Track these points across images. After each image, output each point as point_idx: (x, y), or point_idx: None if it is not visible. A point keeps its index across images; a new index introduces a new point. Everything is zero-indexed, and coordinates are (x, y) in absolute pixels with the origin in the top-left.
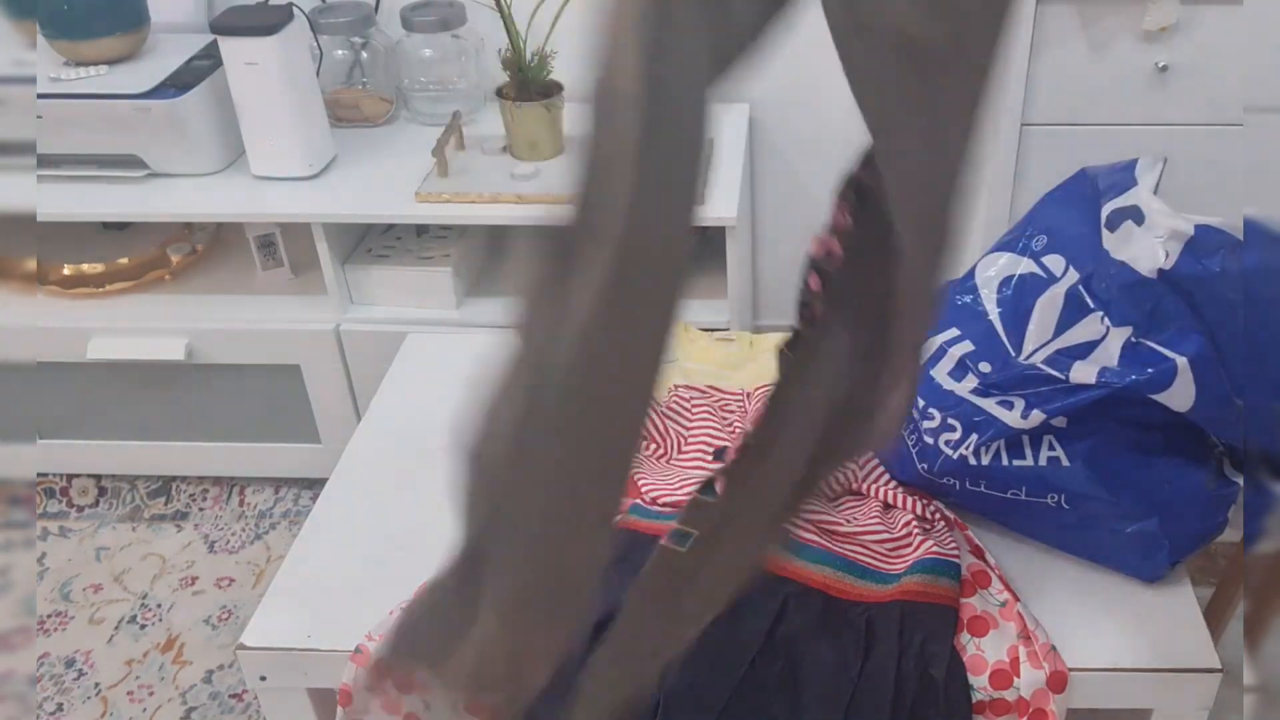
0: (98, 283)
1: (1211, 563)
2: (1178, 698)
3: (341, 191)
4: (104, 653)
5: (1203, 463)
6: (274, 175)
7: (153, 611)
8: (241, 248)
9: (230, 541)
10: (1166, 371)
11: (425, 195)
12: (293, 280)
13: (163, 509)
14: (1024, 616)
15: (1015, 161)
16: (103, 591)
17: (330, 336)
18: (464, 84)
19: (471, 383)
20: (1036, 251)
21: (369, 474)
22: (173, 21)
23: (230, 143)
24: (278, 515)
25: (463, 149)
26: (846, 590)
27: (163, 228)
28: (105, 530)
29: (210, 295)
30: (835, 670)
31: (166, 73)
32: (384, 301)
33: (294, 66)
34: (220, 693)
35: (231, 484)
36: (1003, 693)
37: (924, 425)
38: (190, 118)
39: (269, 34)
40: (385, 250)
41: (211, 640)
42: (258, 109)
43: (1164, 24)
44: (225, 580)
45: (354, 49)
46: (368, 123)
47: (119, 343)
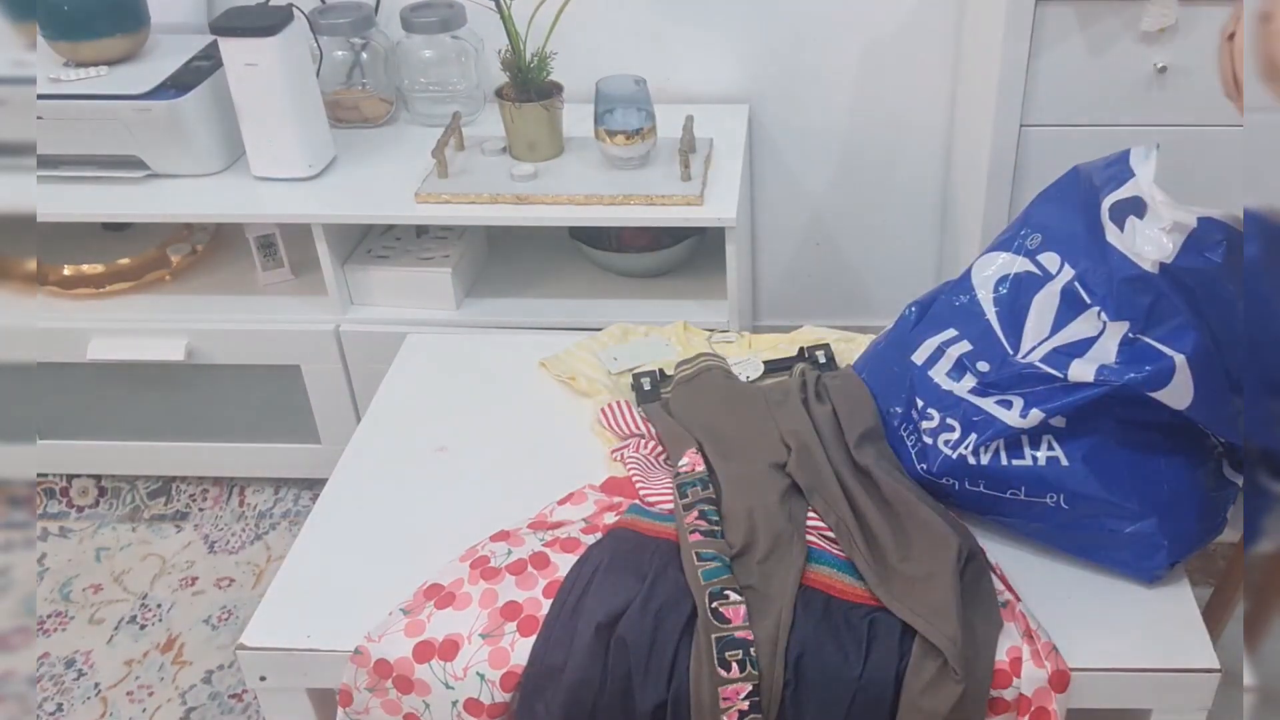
0: (98, 283)
1: (1210, 563)
2: (1176, 698)
3: (341, 192)
4: (104, 653)
5: (1202, 462)
6: (274, 176)
7: (152, 612)
8: (241, 248)
9: (230, 542)
10: (1164, 369)
11: (425, 196)
12: (293, 281)
13: (163, 509)
14: (1026, 616)
15: (1014, 162)
16: (103, 592)
17: (330, 337)
18: (464, 85)
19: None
20: (1031, 250)
21: (369, 474)
22: (173, 22)
23: (230, 143)
24: (278, 515)
25: (462, 150)
26: (848, 591)
27: (163, 228)
28: (105, 530)
29: (210, 296)
30: (836, 671)
31: (167, 73)
32: (384, 302)
33: (294, 67)
34: (220, 693)
35: (231, 484)
36: (1003, 691)
37: (923, 425)
38: (190, 118)
39: (269, 35)
40: (385, 251)
41: (211, 640)
42: (258, 110)
43: (1163, 25)
44: (225, 580)
45: (354, 50)
46: (368, 123)
47: (119, 343)
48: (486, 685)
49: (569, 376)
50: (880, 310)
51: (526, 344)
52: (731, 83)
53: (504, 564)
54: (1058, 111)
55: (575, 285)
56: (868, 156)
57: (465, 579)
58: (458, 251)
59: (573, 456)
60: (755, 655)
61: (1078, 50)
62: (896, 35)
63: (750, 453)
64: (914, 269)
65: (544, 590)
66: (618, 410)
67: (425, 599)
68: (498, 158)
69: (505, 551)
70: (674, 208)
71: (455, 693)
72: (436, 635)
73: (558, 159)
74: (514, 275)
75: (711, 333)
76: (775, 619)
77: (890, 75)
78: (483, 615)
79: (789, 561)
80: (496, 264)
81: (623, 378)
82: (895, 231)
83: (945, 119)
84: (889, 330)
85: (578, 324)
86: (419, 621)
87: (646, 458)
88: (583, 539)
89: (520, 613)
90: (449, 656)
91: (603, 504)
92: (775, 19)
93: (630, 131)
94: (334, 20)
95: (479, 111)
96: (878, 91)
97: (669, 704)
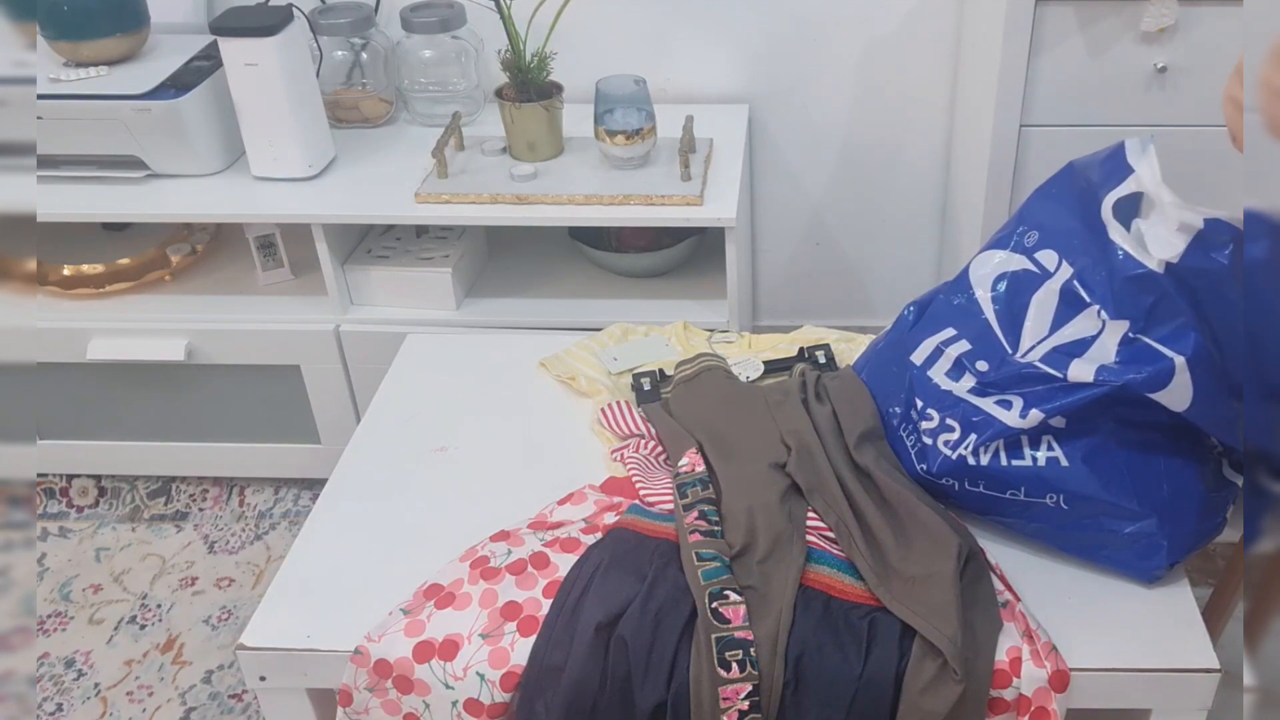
0: (98, 283)
1: (1210, 563)
2: (1176, 698)
3: (341, 192)
4: (103, 653)
5: (1202, 462)
6: (274, 176)
7: (152, 612)
8: (241, 248)
9: (230, 542)
10: (1164, 371)
11: (425, 196)
12: (292, 281)
13: (162, 509)
14: (1025, 616)
15: (1014, 162)
16: (102, 592)
17: (330, 337)
18: (463, 85)
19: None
20: (1029, 248)
21: (369, 475)
22: (173, 22)
23: (230, 143)
24: (277, 515)
25: (462, 150)
26: (848, 591)
27: (163, 228)
28: (105, 530)
29: (210, 296)
30: (836, 670)
31: (166, 73)
32: (384, 302)
33: (294, 67)
34: (220, 693)
35: (231, 484)
36: (1003, 692)
37: (923, 426)
38: (190, 118)
39: (269, 35)
40: (385, 251)
41: (211, 640)
42: (258, 110)
43: (1163, 25)
44: (225, 580)
45: (354, 50)
46: (367, 123)
47: (119, 343)
48: (486, 685)
49: (569, 377)
50: (880, 310)
51: (526, 344)
52: (731, 82)
53: (504, 564)
54: (1058, 111)
55: (575, 285)
56: (868, 156)
57: (465, 579)
58: (457, 251)
59: (573, 457)
60: (755, 655)
61: (1078, 50)
62: (896, 34)
63: (750, 453)
64: (914, 269)
65: (544, 590)
66: (618, 410)
67: (425, 599)
68: (498, 158)
69: (505, 551)
70: (674, 208)
71: (455, 693)
72: (436, 635)
73: (558, 159)
74: (514, 275)
75: (711, 333)
76: (775, 619)
77: (890, 75)
78: (483, 615)
79: (789, 561)
80: (496, 264)
81: (623, 378)
82: (895, 231)
83: (945, 119)
84: (888, 330)
85: (578, 324)
86: (419, 621)
87: (646, 458)
88: (583, 539)
89: (520, 613)
90: (449, 656)
91: (603, 504)
92: (775, 18)
93: (630, 131)
94: (334, 20)
95: (479, 111)
96: (878, 91)
97: (669, 704)
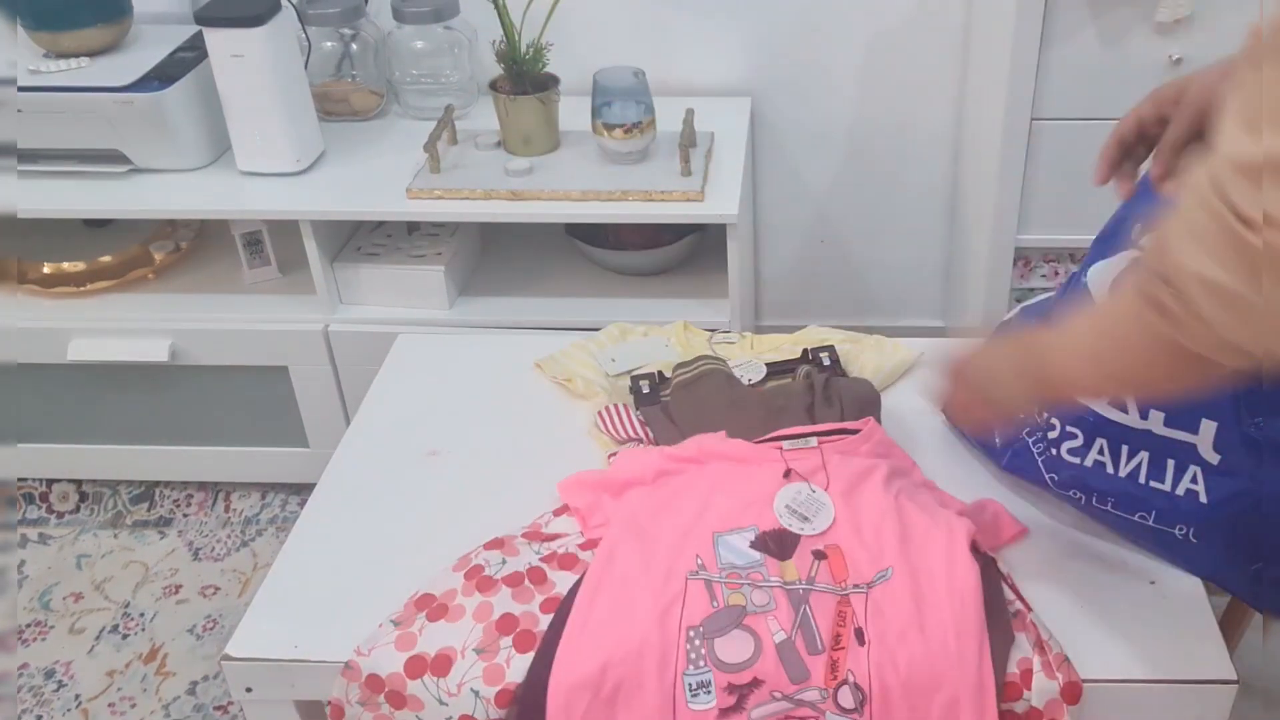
0: (79, 281)
1: None
2: (1192, 710)
3: (330, 188)
4: (84, 664)
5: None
6: (260, 171)
7: (135, 621)
8: (227, 246)
9: (215, 549)
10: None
11: (417, 192)
12: (280, 279)
13: (145, 515)
14: (1037, 626)
15: (1025, 157)
16: (83, 600)
17: (318, 337)
18: (457, 77)
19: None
20: None
21: (358, 479)
22: (156, 12)
23: (215, 137)
24: (264, 521)
25: (455, 144)
26: None
27: (146, 225)
28: (86, 537)
29: (195, 295)
30: None
31: (150, 65)
32: (374, 301)
33: (281, 59)
34: (205, 705)
35: (216, 489)
36: (1014, 704)
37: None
38: (174, 111)
39: (255, 25)
40: (375, 248)
41: (195, 651)
42: (244, 102)
43: (1178, 16)
44: (210, 589)
45: (343, 40)
46: (357, 117)
47: (100, 343)
48: (481, 702)
49: (565, 378)
50: (887, 310)
51: (521, 344)
52: (733, 74)
53: (499, 574)
54: (1070, 105)
55: (572, 284)
56: (874, 150)
57: (459, 590)
58: (450, 249)
59: (569, 461)
60: None
61: (1090, 42)
62: (904, 25)
63: None
64: (922, 266)
65: (541, 606)
66: (616, 413)
67: (416, 610)
68: (492, 152)
69: (500, 560)
70: (674, 204)
71: (449, 709)
72: (429, 649)
73: (554, 153)
74: (508, 273)
75: (712, 333)
76: None
77: (897, 66)
78: (477, 629)
79: None
80: (490, 262)
81: (621, 380)
82: (902, 228)
83: (954, 112)
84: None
85: (574, 324)
86: (410, 634)
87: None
88: (581, 555)
89: (516, 626)
90: (442, 672)
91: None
92: (779, 8)
93: (629, 125)
94: (323, 10)
95: (472, 104)
96: (884, 83)
97: None
